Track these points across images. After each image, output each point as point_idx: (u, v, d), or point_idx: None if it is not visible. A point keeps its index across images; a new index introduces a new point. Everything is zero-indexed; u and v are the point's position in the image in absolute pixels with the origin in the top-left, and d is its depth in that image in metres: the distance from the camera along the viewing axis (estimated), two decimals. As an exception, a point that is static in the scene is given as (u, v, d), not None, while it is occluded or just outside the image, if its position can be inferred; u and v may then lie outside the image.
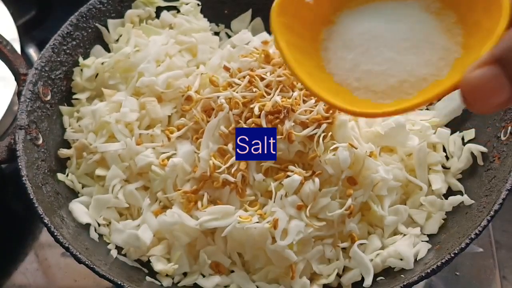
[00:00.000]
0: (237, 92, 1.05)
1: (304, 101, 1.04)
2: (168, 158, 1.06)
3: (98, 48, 1.21)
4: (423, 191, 1.06)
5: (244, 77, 1.07)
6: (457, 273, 1.18)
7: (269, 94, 1.04)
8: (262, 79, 1.06)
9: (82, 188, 1.11)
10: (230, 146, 1.02)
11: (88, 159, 1.09)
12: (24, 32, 1.45)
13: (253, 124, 1.02)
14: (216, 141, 1.04)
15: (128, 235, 1.03)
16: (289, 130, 1.01)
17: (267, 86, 1.05)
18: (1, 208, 1.34)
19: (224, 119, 1.04)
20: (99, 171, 1.09)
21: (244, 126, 1.02)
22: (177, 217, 1.00)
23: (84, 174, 1.11)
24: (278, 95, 1.03)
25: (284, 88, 1.05)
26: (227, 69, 1.10)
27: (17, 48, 1.32)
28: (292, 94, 1.04)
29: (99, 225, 1.07)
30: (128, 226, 1.04)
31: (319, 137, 1.01)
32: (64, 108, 1.15)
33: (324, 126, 1.01)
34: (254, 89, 1.05)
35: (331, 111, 1.03)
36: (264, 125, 1.01)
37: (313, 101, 1.03)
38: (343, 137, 1.02)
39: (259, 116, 1.02)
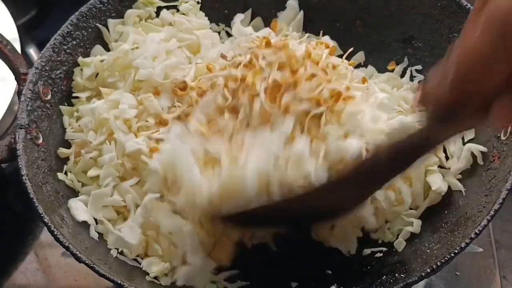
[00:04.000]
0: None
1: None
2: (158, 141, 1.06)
3: (98, 48, 1.21)
4: (406, 204, 1.07)
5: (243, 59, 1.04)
6: (457, 273, 1.18)
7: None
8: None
9: (82, 187, 1.10)
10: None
11: (86, 157, 1.09)
12: (25, 32, 1.45)
13: (251, 97, 0.98)
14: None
15: (116, 237, 1.03)
16: (288, 103, 0.97)
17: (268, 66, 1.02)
18: (1, 208, 1.34)
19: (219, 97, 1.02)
20: (91, 172, 1.08)
21: (241, 99, 0.99)
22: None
23: (81, 172, 1.10)
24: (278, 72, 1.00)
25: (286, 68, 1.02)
26: (224, 56, 1.08)
27: (17, 47, 1.31)
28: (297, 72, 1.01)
29: (96, 222, 1.07)
30: (116, 228, 1.05)
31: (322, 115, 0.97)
32: (64, 108, 1.15)
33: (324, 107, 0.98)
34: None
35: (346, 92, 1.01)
36: (263, 99, 0.98)
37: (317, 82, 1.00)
38: (352, 126, 1.00)
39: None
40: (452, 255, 0.91)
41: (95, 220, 1.07)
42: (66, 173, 1.11)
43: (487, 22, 0.64)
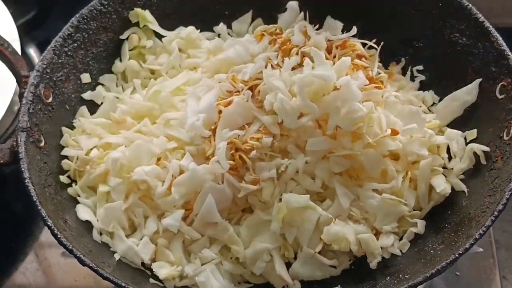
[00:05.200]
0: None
1: None
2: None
3: (107, 78, 1.22)
4: (408, 206, 1.07)
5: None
6: (457, 273, 1.19)
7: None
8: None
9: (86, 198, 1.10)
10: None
11: (91, 173, 1.08)
12: (25, 32, 1.45)
13: None
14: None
15: (128, 247, 1.03)
16: None
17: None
18: (1, 208, 1.34)
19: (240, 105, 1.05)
20: (102, 188, 1.07)
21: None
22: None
23: (86, 187, 1.10)
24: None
25: None
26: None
27: (17, 48, 1.31)
28: None
29: (100, 234, 1.06)
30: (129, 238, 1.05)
31: None
32: (66, 131, 1.14)
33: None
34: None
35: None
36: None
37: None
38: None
39: None
40: (457, 255, 0.92)
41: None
42: (69, 177, 1.10)
43: None
